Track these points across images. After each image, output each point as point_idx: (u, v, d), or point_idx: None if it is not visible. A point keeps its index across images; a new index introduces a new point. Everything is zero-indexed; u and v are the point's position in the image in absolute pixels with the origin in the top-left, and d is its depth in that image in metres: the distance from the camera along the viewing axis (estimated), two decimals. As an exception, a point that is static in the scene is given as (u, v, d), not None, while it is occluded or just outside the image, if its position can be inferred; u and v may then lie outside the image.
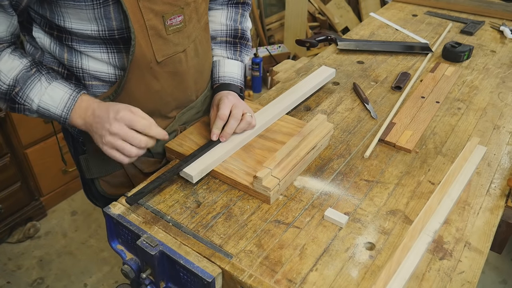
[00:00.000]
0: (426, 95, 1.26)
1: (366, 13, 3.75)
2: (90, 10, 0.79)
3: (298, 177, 0.96)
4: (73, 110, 0.86)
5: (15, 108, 0.87)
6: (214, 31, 1.11)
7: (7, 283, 1.91)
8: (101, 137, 0.83)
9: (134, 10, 0.82)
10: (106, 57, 0.88)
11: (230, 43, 1.11)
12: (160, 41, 0.89)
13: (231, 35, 1.11)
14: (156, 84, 0.93)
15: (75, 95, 0.86)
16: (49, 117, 0.88)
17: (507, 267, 2.02)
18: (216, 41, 1.12)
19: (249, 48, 1.15)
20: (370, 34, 1.69)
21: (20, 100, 0.85)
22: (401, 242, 0.80)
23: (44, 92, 0.85)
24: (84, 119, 0.86)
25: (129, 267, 0.84)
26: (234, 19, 1.12)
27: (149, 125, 0.84)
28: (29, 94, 0.85)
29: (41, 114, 0.88)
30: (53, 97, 0.86)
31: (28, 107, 0.86)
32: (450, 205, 0.87)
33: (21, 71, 0.85)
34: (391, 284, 0.72)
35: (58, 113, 0.86)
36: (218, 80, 1.09)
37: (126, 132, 0.82)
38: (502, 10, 1.87)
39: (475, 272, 0.76)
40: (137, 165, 1.01)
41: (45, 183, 2.18)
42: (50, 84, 0.86)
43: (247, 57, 1.15)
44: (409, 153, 1.04)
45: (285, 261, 0.77)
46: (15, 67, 0.84)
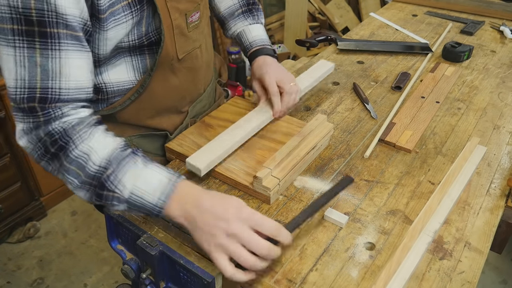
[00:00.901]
0: (426, 95, 1.26)
1: (366, 13, 3.74)
2: (129, 21, 0.77)
3: (298, 177, 0.96)
4: (171, 197, 0.70)
5: (102, 196, 0.70)
6: (228, 7, 1.14)
7: (7, 283, 1.91)
8: (212, 236, 0.67)
9: (164, 12, 0.83)
10: (129, 61, 0.88)
11: (247, 11, 1.16)
12: (182, 39, 0.91)
13: (244, 4, 1.15)
14: (175, 80, 0.96)
15: (175, 180, 0.71)
16: (140, 208, 0.71)
17: (507, 267, 2.02)
18: (234, 15, 1.15)
19: (260, 10, 1.19)
20: (370, 34, 1.69)
21: (110, 185, 0.69)
22: (401, 242, 0.80)
23: (139, 176, 0.70)
24: (185, 210, 0.69)
25: (129, 267, 0.84)
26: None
27: (279, 227, 0.68)
28: (122, 179, 0.70)
29: (131, 203, 0.71)
30: (150, 182, 0.70)
31: (118, 195, 0.70)
32: (450, 205, 0.87)
33: (115, 150, 0.71)
34: (391, 284, 0.72)
35: (154, 202, 0.70)
36: (251, 46, 1.13)
37: (249, 234, 0.66)
38: (502, 10, 1.87)
39: (475, 272, 0.76)
40: None
41: (45, 183, 2.18)
42: (146, 167, 0.72)
43: (263, 19, 1.20)
44: (409, 153, 1.04)
45: (285, 261, 0.77)
46: (108, 145, 0.71)
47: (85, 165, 0.70)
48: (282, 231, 0.69)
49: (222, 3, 1.15)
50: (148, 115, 0.98)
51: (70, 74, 0.69)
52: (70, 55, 0.69)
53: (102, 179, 0.70)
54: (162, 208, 0.70)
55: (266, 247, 0.66)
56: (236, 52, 3.13)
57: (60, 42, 0.67)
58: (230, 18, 1.15)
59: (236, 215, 0.67)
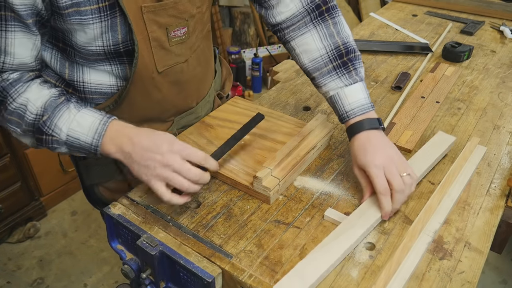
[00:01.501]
0: (426, 95, 1.26)
1: (366, 13, 3.74)
2: (97, 24, 0.78)
3: (298, 177, 0.96)
4: (104, 135, 0.79)
5: (42, 140, 0.80)
6: (312, 60, 0.94)
7: (7, 283, 1.91)
8: (148, 168, 0.76)
9: (138, 22, 0.81)
10: (109, 69, 0.87)
11: (339, 66, 0.92)
12: (162, 52, 0.87)
13: (335, 56, 0.92)
14: (157, 93, 0.93)
15: (106, 120, 0.80)
16: (79, 148, 0.81)
17: (507, 267, 2.02)
18: (323, 71, 0.93)
19: (360, 58, 0.95)
20: (370, 34, 1.69)
21: (47, 130, 0.79)
22: (401, 242, 0.80)
23: (73, 119, 0.79)
24: (120, 146, 0.78)
25: (129, 267, 0.84)
26: (329, 35, 0.93)
27: (205, 157, 0.79)
28: (57, 123, 0.79)
29: (69, 145, 0.81)
30: (82, 124, 0.79)
31: (57, 138, 0.80)
32: (450, 205, 0.87)
33: (50, 99, 0.80)
34: (391, 284, 0.72)
35: (89, 141, 0.79)
36: (348, 116, 0.91)
37: (181, 164, 0.76)
38: (502, 10, 1.87)
39: (475, 272, 0.76)
40: None
41: (45, 183, 2.18)
42: (79, 111, 0.81)
43: (362, 70, 0.94)
44: (409, 153, 1.04)
45: (285, 261, 0.77)
46: (44, 96, 0.80)
47: (24, 115, 0.79)
48: (209, 160, 0.80)
49: (306, 55, 0.95)
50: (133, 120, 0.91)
51: (14, 53, 0.77)
52: (16, 35, 0.75)
53: (39, 125, 0.79)
54: (97, 147, 0.79)
55: (197, 173, 0.77)
56: (236, 52, 3.13)
57: (6, 24, 0.74)
58: (318, 75, 0.94)
59: (169, 148, 0.76)
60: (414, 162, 0.96)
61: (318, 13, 0.93)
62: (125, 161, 0.79)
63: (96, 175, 1.00)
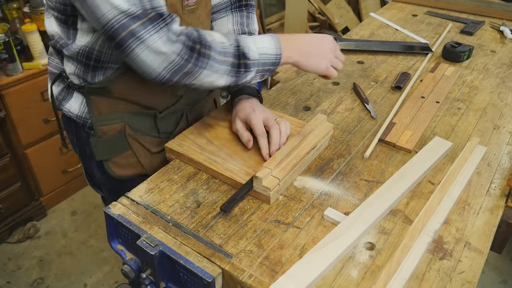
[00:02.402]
0: (426, 95, 1.26)
1: (366, 13, 3.74)
2: None
3: (298, 177, 0.96)
4: (281, 44, 0.90)
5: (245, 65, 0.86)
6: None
7: (7, 283, 1.91)
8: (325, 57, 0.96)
9: None
10: None
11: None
12: None
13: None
14: None
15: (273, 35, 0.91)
16: (266, 63, 0.89)
17: (507, 267, 2.02)
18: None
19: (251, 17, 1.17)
20: (370, 34, 1.69)
21: (247, 54, 0.86)
22: (401, 242, 0.80)
23: (254, 41, 0.88)
24: (297, 48, 0.93)
25: (129, 267, 0.84)
26: (240, 23, 1.13)
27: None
28: (249, 46, 0.86)
29: (260, 63, 0.88)
30: (263, 41, 0.89)
31: (252, 61, 0.87)
32: (450, 205, 0.87)
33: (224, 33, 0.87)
34: (391, 284, 0.72)
35: (274, 52, 0.89)
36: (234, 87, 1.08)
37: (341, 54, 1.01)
38: (502, 10, 1.87)
39: (475, 272, 0.76)
40: (145, 145, 1.03)
41: (45, 183, 2.18)
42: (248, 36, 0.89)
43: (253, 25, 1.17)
44: (409, 153, 1.04)
45: (285, 261, 0.77)
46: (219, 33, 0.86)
47: (225, 50, 0.84)
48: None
49: None
50: (141, 90, 0.98)
51: None
52: None
53: (241, 51, 0.85)
54: (280, 55, 0.90)
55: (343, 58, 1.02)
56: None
57: None
58: None
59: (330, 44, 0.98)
60: (410, 167, 0.97)
61: (238, 5, 1.13)
62: (302, 60, 0.94)
63: (107, 150, 1.01)
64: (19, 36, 1.99)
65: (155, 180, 0.95)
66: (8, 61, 1.84)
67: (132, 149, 1.02)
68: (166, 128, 1.05)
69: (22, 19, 1.99)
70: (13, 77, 1.87)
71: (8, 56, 1.82)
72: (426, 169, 0.96)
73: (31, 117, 1.98)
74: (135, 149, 1.03)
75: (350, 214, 0.85)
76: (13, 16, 1.99)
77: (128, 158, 1.03)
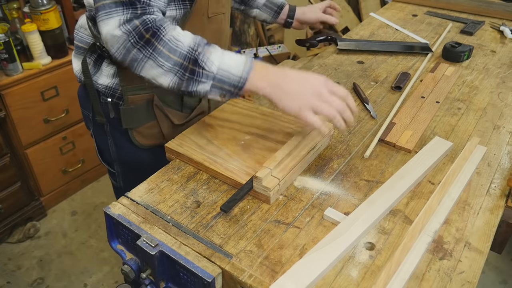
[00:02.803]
0: (426, 95, 1.26)
1: (366, 13, 3.74)
2: None
3: (298, 177, 0.96)
4: (253, 71, 0.85)
5: (194, 72, 0.82)
6: None
7: (7, 283, 1.91)
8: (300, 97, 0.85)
9: None
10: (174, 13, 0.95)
11: None
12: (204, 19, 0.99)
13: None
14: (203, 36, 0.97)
15: (251, 59, 0.86)
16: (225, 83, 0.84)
17: (507, 267, 2.02)
18: None
19: None
20: (370, 34, 1.69)
21: (201, 62, 0.82)
22: (401, 242, 0.80)
23: (222, 55, 0.84)
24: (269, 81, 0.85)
25: (129, 267, 0.84)
26: None
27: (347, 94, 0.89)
28: (209, 57, 0.83)
29: (218, 79, 0.84)
30: (233, 59, 0.84)
31: (207, 72, 0.83)
32: (450, 205, 0.87)
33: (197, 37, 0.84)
34: (391, 284, 0.72)
35: (239, 74, 0.84)
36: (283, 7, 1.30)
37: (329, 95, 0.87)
38: (502, 10, 1.87)
39: (475, 272, 0.76)
40: (169, 116, 1.08)
41: (45, 183, 2.18)
42: (224, 51, 0.86)
43: None
44: (409, 153, 1.04)
45: (285, 261, 0.77)
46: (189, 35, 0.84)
47: (176, 48, 0.81)
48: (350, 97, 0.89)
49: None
50: None
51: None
52: None
53: (194, 55, 0.82)
54: (246, 80, 0.84)
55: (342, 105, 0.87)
56: (236, 52, 3.13)
57: None
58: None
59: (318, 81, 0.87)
60: (410, 167, 0.97)
61: None
62: (274, 94, 0.86)
63: (134, 119, 1.05)
64: (19, 36, 1.99)
65: (155, 180, 0.95)
66: (8, 61, 1.84)
67: (157, 120, 1.07)
68: (190, 102, 1.09)
69: (22, 19, 1.99)
70: (13, 77, 1.87)
71: (8, 56, 1.82)
72: (426, 169, 0.96)
73: (31, 117, 1.98)
74: (159, 120, 1.07)
75: (350, 214, 0.85)
76: (13, 16, 1.99)
77: (152, 128, 1.08)
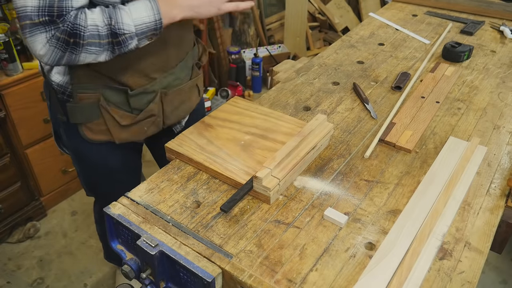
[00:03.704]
0: (426, 95, 1.26)
1: (366, 13, 3.74)
2: None
3: (298, 177, 0.96)
4: (160, 7, 0.92)
5: (120, 42, 0.91)
6: None
7: (7, 283, 1.91)
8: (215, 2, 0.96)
9: None
10: None
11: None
12: None
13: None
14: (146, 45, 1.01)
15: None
16: (147, 32, 0.93)
17: (507, 267, 2.02)
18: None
19: None
20: (370, 34, 1.69)
21: (120, 30, 0.90)
22: (410, 246, 0.79)
23: (130, 12, 0.91)
24: (181, 5, 0.94)
25: (129, 267, 0.84)
26: None
27: None
28: (123, 21, 0.90)
29: (140, 33, 0.92)
30: (139, 10, 0.91)
31: (128, 34, 0.91)
32: (456, 207, 0.87)
33: (104, 9, 0.91)
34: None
35: (152, 20, 0.92)
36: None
37: None
38: (502, 10, 1.87)
39: (475, 272, 0.76)
40: (115, 117, 1.10)
41: (45, 183, 2.18)
42: (128, 6, 0.92)
43: None
44: (409, 153, 1.04)
45: (285, 261, 0.77)
46: (98, 12, 0.90)
47: (98, 32, 0.89)
48: None
49: None
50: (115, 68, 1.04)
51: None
52: None
53: (113, 30, 0.90)
54: (161, 20, 0.92)
55: None
56: (236, 52, 3.13)
57: None
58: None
59: None
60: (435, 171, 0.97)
61: None
62: (190, 13, 0.96)
63: (81, 116, 1.10)
64: (19, 36, 1.98)
65: (155, 180, 0.95)
66: (8, 61, 1.83)
67: (104, 119, 1.10)
68: (138, 105, 1.11)
69: (22, 19, 1.99)
70: (13, 77, 1.86)
71: (8, 56, 1.82)
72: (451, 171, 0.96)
73: (31, 117, 1.98)
74: (106, 119, 1.10)
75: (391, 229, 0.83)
76: (13, 16, 1.99)
77: (99, 125, 1.12)
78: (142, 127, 1.14)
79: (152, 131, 1.17)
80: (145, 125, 1.14)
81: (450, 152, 1.02)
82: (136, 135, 1.15)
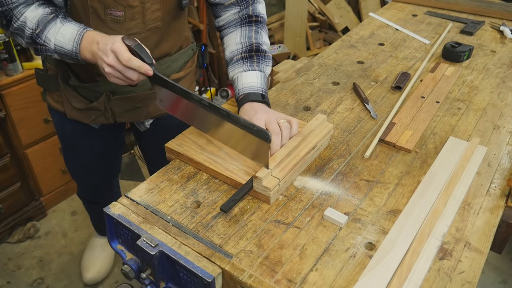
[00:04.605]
0: (426, 95, 1.26)
1: (366, 13, 3.74)
2: None
3: (298, 177, 0.96)
4: (81, 44, 0.96)
5: (38, 49, 1.00)
6: (231, 52, 1.13)
7: (7, 283, 1.91)
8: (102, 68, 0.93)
9: None
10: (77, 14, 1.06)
11: (246, 58, 1.10)
12: (97, 20, 1.04)
13: (246, 50, 1.11)
14: None
15: (82, 31, 0.97)
16: (65, 54, 0.99)
17: (507, 267, 2.02)
18: (233, 61, 1.12)
19: (268, 59, 1.13)
20: (370, 34, 1.69)
21: (40, 41, 0.98)
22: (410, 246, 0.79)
23: (58, 32, 0.97)
24: (91, 52, 0.95)
25: (129, 267, 0.84)
26: (248, 36, 1.13)
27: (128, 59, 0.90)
28: (47, 35, 0.98)
29: (58, 52, 0.99)
30: (65, 35, 0.97)
31: (47, 47, 0.99)
32: (456, 207, 0.87)
33: (42, 15, 0.98)
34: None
35: (70, 49, 0.97)
36: (239, 93, 1.07)
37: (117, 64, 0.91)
38: (502, 10, 1.87)
39: (475, 272, 0.76)
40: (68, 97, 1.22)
41: (45, 183, 2.18)
42: (63, 25, 0.98)
43: (267, 67, 1.12)
44: (409, 153, 1.04)
45: (285, 261, 0.77)
46: (38, 14, 0.98)
47: (24, 30, 0.99)
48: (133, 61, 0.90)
49: (228, 48, 1.15)
50: None
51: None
52: None
53: (33, 37, 0.98)
54: (77, 53, 0.97)
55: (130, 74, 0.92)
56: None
57: None
58: (230, 63, 1.12)
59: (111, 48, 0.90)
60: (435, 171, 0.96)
61: (248, 21, 1.15)
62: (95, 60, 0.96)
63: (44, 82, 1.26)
64: (19, 36, 1.98)
65: (155, 180, 0.95)
66: (8, 61, 1.83)
67: (60, 93, 1.23)
68: (87, 96, 1.20)
69: (22, 19, 1.99)
70: (13, 77, 1.86)
71: (8, 56, 1.82)
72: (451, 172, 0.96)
73: (31, 117, 1.98)
74: (62, 95, 1.23)
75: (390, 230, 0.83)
76: (13, 16, 1.99)
77: (58, 96, 1.25)
78: (90, 114, 1.23)
79: (102, 121, 1.25)
80: (94, 114, 1.23)
81: (450, 152, 1.02)
82: (84, 118, 1.24)
